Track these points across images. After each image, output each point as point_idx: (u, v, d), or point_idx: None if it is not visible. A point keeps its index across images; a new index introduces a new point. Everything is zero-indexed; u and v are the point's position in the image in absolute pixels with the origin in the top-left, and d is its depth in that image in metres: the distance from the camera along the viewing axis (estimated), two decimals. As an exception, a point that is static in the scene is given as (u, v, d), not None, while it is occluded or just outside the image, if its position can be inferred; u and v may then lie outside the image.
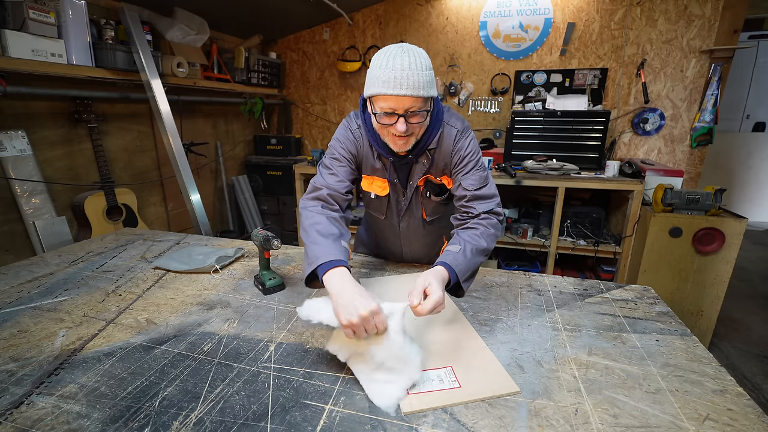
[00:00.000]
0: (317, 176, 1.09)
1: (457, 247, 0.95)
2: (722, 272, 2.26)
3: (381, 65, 0.90)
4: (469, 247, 0.95)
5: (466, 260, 0.93)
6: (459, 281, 0.91)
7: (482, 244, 0.98)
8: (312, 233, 0.94)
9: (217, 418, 0.67)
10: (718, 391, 0.75)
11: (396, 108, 0.91)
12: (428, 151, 1.07)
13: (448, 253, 0.94)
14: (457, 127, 1.06)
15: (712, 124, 2.77)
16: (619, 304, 1.09)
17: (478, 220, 1.03)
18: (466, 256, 0.93)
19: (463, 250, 0.94)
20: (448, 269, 0.90)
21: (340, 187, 1.06)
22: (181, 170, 2.37)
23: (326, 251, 0.88)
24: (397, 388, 0.73)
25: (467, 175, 1.06)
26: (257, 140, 3.69)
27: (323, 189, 1.05)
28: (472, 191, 1.04)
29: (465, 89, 3.29)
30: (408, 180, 1.13)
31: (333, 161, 1.10)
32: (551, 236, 2.71)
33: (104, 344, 0.89)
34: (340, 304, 0.76)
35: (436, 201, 1.17)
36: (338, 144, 1.11)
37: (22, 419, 0.67)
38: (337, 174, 1.08)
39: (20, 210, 1.91)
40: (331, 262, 0.85)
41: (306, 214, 1.01)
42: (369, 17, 3.40)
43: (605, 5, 2.85)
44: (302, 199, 1.07)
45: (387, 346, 0.75)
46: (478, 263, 0.98)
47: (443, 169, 1.10)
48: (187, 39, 2.64)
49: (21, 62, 1.70)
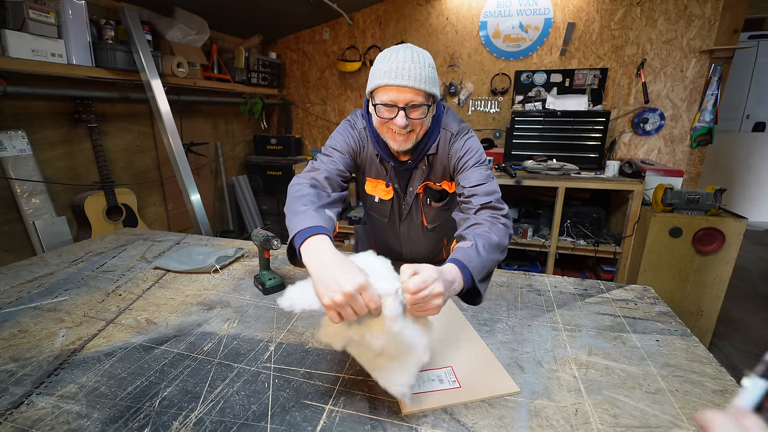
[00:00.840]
0: (315, 161, 1.04)
1: (469, 242, 0.82)
2: (722, 272, 2.26)
3: (384, 59, 0.91)
4: (480, 241, 0.82)
5: (480, 256, 0.79)
6: (474, 281, 0.75)
7: (494, 239, 0.85)
8: (293, 205, 0.84)
9: (217, 418, 0.67)
10: (718, 391, 0.75)
11: (396, 101, 0.90)
12: (427, 156, 1.06)
13: (459, 249, 0.80)
14: (452, 130, 1.05)
15: (712, 124, 2.77)
16: (619, 304, 1.09)
17: (481, 216, 0.94)
18: (479, 252, 0.79)
19: (474, 245, 0.80)
20: (459, 265, 0.74)
21: (337, 173, 1.01)
22: (181, 170, 2.37)
23: (304, 220, 0.76)
24: (407, 373, 0.63)
25: (467, 172, 1.02)
26: (257, 140, 3.69)
27: (321, 170, 0.98)
28: (470, 187, 1.00)
29: (465, 89, 3.29)
30: (408, 186, 1.13)
31: (333, 150, 1.06)
32: (551, 236, 2.71)
33: (104, 344, 0.89)
34: (319, 280, 0.63)
35: (436, 207, 1.16)
36: (340, 137, 1.08)
37: (22, 419, 0.67)
38: (336, 161, 1.03)
39: (20, 210, 1.91)
40: (307, 229, 0.73)
41: (293, 189, 0.91)
42: (369, 17, 3.40)
43: (605, 5, 2.85)
44: (294, 177, 0.97)
45: (385, 332, 0.63)
46: (495, 261, 0.84)
47: (442, 174, 1.09)
48: (187, 39, 2.64)
49: (21, 62, 1.70)
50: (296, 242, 0.74)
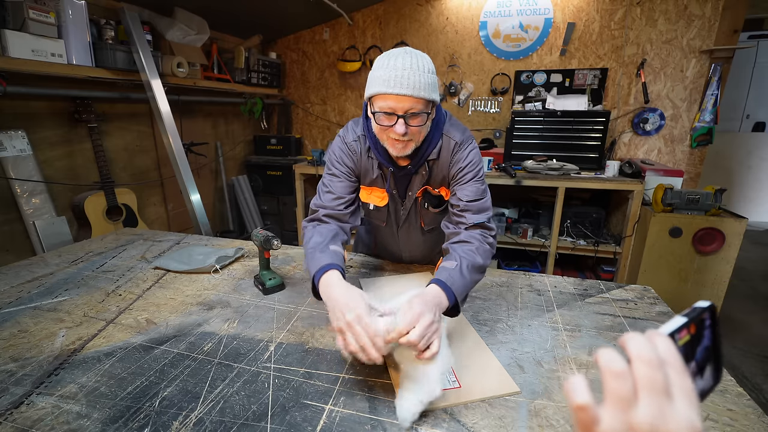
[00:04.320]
0: (315, 197, 1.11)
1: (453, 263, 0.89)
2: (722, 272, 2.26)
3: (382, 65, 0.89)
4: (465, 263, 0.89)
5: (463, 278, 0.87)
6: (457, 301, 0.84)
7: (478, 261, 0.92)
8: (307, 251, 0.96)
9: (217, 418, 0.67)
10: (718, 391, 0.75)
11: (395, 108, 0.89)
12: (427, 162, 1.05)
13: (443, 270, 0.88)
14: (456, 139, 1.04)
15: (712, 124, 2.77)
16: (619, 304, 1.09)
17: (472, 234, 0.98)
18: (463, 275, 0.87)
19: (459, 267, 0.88)
20: (443, 287, 0.83)
21: (337, 205, 1.07)
22: (181, 170, 2.37)
23: (315, 262, 0.89)
24: (413, 401, 0.67)
25: (464, 185, 1.03)
26: (257, 140, 3.69)
27: (319, 211, 1.07)
28: (466, 201, 1.01)
29: (465, 89, 3.29)
30: (407, 191, 1.13)
31: (331, 178, 1.10)
32: (551, 236, 2.71)
33: (104, 344, 0.89)
34: (330, 310, 0.76)
35: (434, 212, 1.16)
36: (335, 158, 1.10)
37: (22, 419, 0.67)
38: (333, 191, 1.08)
39: (20, 210, 1.91)
40: (319, 270, 0.86)
41: (305, 237, 1.03)
42: (369, 17, 3.40)
43: (605, 5, 2.85)
44: (303, 221, 1.09)
45: (406, 356, 0.73)
46: (475, 281, 0.93)
47: (441, 181, 1.09)
48: (187, 39, 2.64)
49: (21, 62, 1.70)
50: (316, 284, 0.87)
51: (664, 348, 0.26)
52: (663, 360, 0.26)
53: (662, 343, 0.26)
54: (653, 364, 0.25)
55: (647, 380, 0.25)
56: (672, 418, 0.24)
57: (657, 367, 0.25)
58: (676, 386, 0.25)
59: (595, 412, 0.25)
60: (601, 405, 0.26)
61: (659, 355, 0.26)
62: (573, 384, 0.26)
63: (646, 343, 0.26)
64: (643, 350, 0.25)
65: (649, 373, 0.25)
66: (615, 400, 0.25)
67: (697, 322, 0.29)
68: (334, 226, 1.04)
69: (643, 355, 0.25)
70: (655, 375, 0.25)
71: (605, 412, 0.25)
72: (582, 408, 0.25)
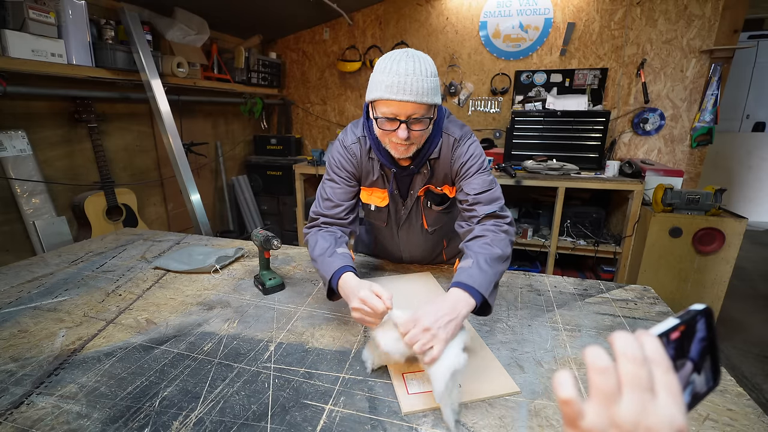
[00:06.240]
0: (315, 202, 1.12)
1: (469, 261, 0.88)
2: (722, 272, 2.26)
3: (384, 69, 0.88)
4: (482, 258, 0.88)
5: (483, 273, 0.85)
6: (485, 298, 0.82)
7: (496, 252, 0.90)
8: (314, 255, 1.00)
9: (217, 418, 0.67)
10: (718, 391, 0.75)
11: (398, 114, 0.89)
12: (429, 161, 1.05)
13: (461, 271, 0.86)
14: (455, 135, 1.04)
15: (712, 124, 2.77)
16: (619, 304, 1.09)
17: (484, 227, 0.97)
18: (482, 270, 0.85)
19: (476, 263, 0.87)
20: (466, 289, 0.81)
21: (335, 214, 1.08)
22: (181, 170, 2.37)
23: (328, 267, 0.93)
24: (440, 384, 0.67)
25: (470, 179, 1.02)
26: (257, 140, 3.69)
27: (319, 219, 1.09)
28: (474, 194, 1.01)
29: (465, 89, 3.29)
30: (409, 190, 1.12)
31: (330, 185, 1.10)
32: (551, 236, 2.71)
33: (104, 344, 0.89)
34: (348, 298, 0.85)
35: (437, 211, 1.16)
36: (334, 163, 1.10)
37: (22, 419, 0.67)
38: (332, 199, 1.09)
39: (20, 210, 1.91)
40: (335, 274, 0.91)
41: (309, 245, 1.06)
42: (369, 17, 3.40)
43: (605, 5, 2.85)
44: (305, 229, 1.12)
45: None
46: (499, 272, 0.89)
47: (443, 179, 1.09)
48: (187, 39, 2.64)
49: (21, 62, 1.70)
50: (333, 285, 0.93)
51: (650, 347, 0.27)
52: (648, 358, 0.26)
53: (649, 342, 0.27)
54: (637, 361, 0.26)
55: (631, 377, 0.25)
56: (654, 413, 0.25)
57: (641, 364, 0.25)
58: (660, 383, 0.26)
59: (580, 407, 0.26)
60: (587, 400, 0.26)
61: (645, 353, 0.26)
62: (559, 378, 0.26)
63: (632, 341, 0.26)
64: (628, 347, 0.26)
65: (632, 369, 0.25)
66: (599, 395, 0.26)
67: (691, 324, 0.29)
68: (335, 229, 1.07)
69: (627, 352, 0.26)
70: (638, 372, 0.25)
71: (589, 406, 0.26)
72: (567, 402, 0.26)
